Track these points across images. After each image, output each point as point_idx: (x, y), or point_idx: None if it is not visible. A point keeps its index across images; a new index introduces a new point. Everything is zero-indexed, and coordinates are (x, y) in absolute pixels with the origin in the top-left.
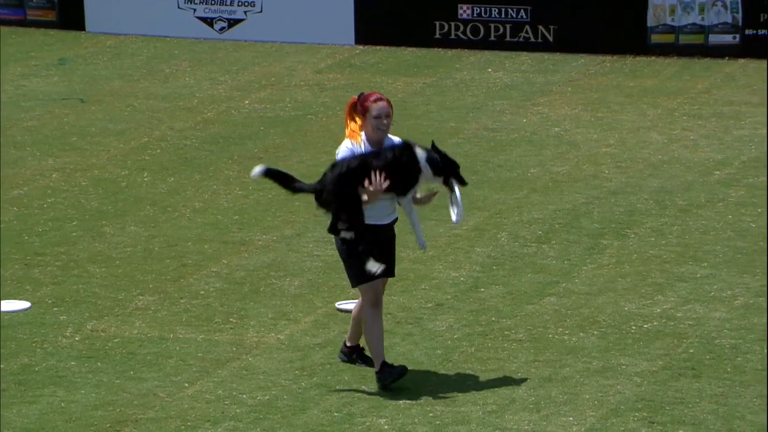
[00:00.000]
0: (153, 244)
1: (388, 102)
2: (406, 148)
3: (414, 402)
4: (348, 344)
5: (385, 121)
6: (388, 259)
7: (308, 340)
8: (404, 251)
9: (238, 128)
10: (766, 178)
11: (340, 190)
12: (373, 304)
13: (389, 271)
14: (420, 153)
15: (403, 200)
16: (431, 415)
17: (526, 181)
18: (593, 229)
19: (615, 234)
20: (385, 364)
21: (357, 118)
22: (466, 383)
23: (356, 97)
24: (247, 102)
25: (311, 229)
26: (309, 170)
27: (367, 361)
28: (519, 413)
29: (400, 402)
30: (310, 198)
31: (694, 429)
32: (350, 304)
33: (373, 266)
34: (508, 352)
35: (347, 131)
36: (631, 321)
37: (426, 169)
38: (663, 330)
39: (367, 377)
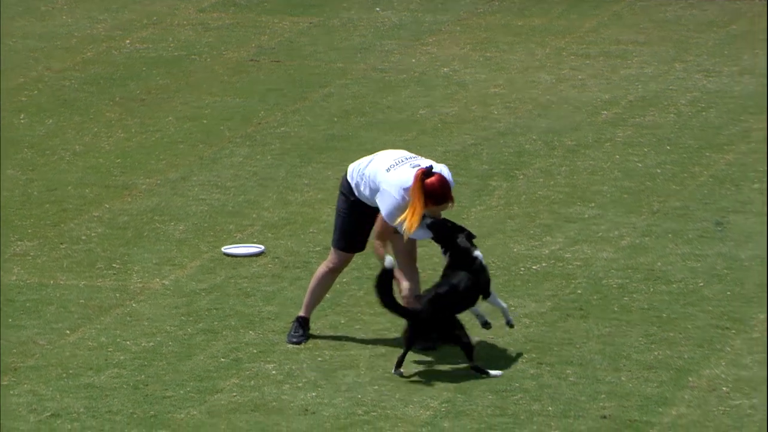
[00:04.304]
0: (31, 189)
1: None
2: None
3: (302, 347)
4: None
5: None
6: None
7: (194, 286)
8: (292, 195)
9: (119, 69)
10: (657, 118)
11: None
12: (334, 270)
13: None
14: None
15: None
16: (320, 359)
17: (415, 123)
18: (482, 170)
19: (504, 175)
20: (305, 320)
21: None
22: (354, 327)
23: (431, 180)
24: (128, 41)
25: (196, 172)
26: (193, 112)
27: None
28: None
29: (289, 347)
30: (195, 140)
31: (582, 369)
32: (237, 249)
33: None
34: (397, 295)
35: (415, 204)
36: (520, 262)
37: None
38: (551, 271)
39: (254, 321)
